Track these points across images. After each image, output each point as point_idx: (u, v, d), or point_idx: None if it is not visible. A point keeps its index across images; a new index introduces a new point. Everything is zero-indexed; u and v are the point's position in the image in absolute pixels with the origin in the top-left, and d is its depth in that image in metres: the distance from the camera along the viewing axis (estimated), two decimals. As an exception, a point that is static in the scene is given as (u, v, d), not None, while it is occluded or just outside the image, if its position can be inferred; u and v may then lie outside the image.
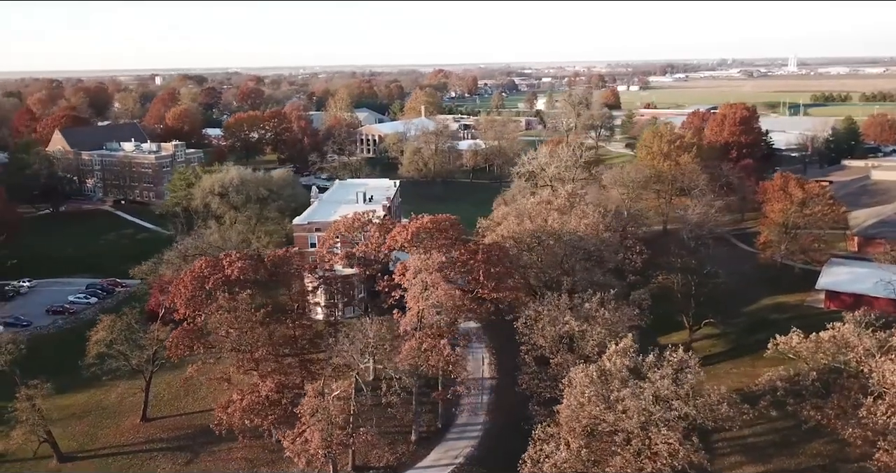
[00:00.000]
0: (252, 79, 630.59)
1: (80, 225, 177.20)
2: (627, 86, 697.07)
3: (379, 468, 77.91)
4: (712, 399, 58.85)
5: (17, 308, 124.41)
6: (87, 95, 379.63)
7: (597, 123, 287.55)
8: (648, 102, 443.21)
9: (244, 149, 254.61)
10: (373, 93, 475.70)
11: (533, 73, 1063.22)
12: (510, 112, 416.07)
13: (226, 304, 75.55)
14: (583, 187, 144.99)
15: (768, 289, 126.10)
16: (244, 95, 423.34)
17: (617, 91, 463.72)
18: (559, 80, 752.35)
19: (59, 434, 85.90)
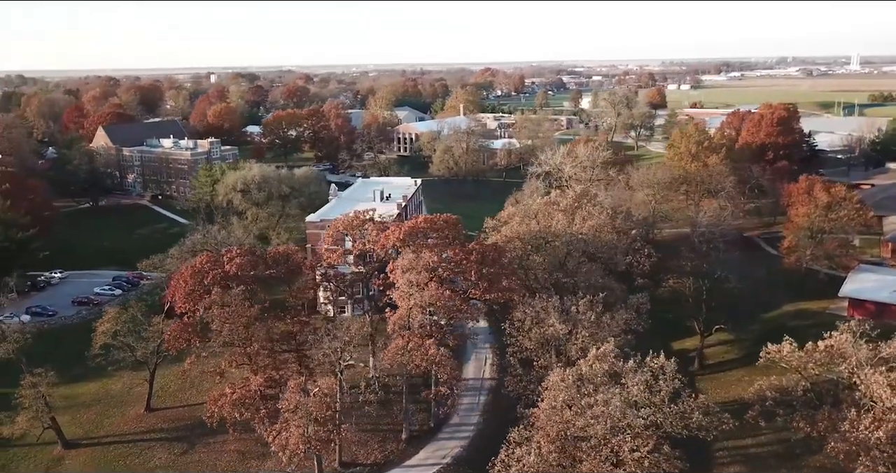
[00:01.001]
0: (301, 77, 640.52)
1: (116, 219, 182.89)
2: (678, 85, 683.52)
3: (366, 465, 78.55)
4: (683, 407, 57.51)
5: (47, 298, 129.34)
6: (139, 93, 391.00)
7: (636, 123, 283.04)
8: (695, 102, 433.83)
9: (283, 147, 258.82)
10: (417, 91, 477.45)
11: (584, 71, 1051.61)
12: (554, 111, 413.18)
13: (218, 299, 77.02)
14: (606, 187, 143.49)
15: (791, 295, 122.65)
16: (290, 93, 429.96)
17: (662, 90, 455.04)
18: (609, 79, 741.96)
19: (67, 422, 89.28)
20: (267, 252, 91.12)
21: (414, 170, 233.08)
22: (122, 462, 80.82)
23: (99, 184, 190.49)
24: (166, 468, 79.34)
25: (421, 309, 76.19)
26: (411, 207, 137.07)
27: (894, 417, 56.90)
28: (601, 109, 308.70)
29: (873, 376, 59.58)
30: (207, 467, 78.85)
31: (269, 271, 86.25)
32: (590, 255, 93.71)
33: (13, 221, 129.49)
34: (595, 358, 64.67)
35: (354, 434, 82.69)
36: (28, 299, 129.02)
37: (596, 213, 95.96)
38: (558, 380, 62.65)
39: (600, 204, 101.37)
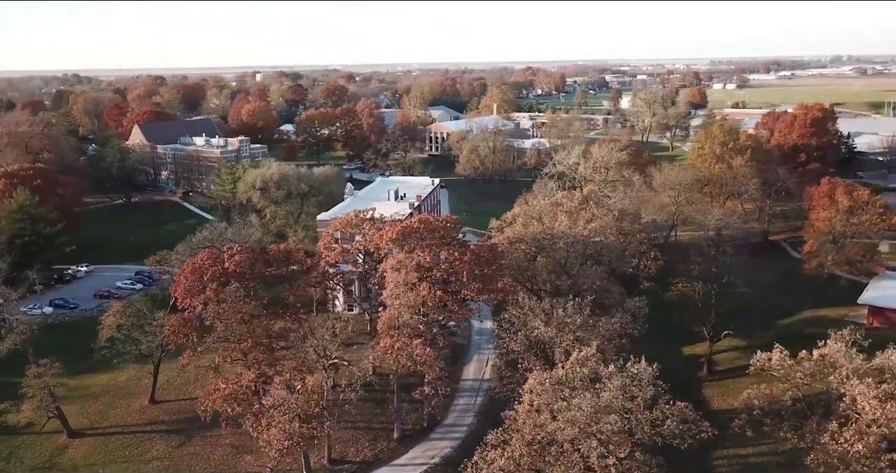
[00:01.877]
0: (343, 76, 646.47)
1: (147, 214, 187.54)
2: (724, 85, 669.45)
3: (355, 462, 79.16)
4: (656, 414, 56.48)
5: (71, 291, 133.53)
6: (182, 92, 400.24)
7: (672, 123, 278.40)
8: (737, 102, 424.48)
9: (315, 145, 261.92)
10: (455, 90, 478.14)
11: (630, 70, 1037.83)
12: (592, 110, 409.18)
13: (213, 295, 78.48)
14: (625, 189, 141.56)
15: (810, 301, 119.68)
16: (328, 92, 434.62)
17: (703, 89, 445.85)
18: (653, 78, 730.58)
19: (75, 411, 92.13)
20: (268, 250, 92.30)
21: (442, 170, 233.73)
22: (121, 452, 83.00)
23: (131, 181, 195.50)
24: (162, 459, 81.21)
25: (411, 309, 76.39)
26: (427, 207, 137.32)
27: (876, 430, 55.04)
28: (637, 109, 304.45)
29: (858, 387, 57.66)
30: (201, 460, 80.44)
31: (269, 269, 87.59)
32: (593, 258, 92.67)
33: (41, 216, 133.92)
34: (575, 362, 64.09)
35: (347, 432, 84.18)
36: (54, 291, 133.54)
37: (600, 215, 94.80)
38: (536, 383, 62.26)
39: (606, 206, 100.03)
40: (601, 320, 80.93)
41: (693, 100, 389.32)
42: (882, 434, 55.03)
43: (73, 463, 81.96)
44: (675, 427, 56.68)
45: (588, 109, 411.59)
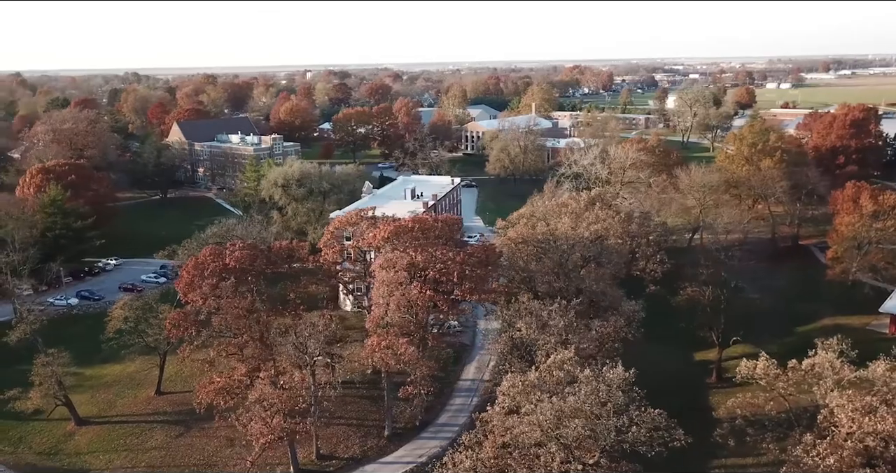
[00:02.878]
0: (390, 75, 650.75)
1: (181, 210, 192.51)
2: (778, 84, 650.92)
3: (343, 459, 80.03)
4: (622, 421, 55.57)
5: (98, 283, 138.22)
6: (229, 90, 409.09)
7: (713, 123, 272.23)
8: (787, 102, 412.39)
9: (351, 144, 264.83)
10: (498, 89, 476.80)
11: (683, 69, 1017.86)
12: (637, 109, 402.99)
13: (209, 290, 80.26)
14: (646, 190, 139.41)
15: (831, 309, 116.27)
16: (371, 91, 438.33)
17: (751, 89, 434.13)
18: (706, 77, 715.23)
19: (86, 400, 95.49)
20: (270, 246, 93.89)
21: (476, 169, 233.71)
22: (122, 440, 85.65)
23: (167, 177, 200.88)
24: (159, 449, 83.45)
25: (400, 308, 76.80)
26: (445, 206, 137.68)
27: (850, 445, 53.15)
28: (678, 109, 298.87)
29: (836, 399, 55.76)
30: (196, 451, 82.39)
31: (269, 266, 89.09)
32: (594, 260, 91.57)
33: (72, 211, 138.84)
34: (551, 365, 63.61)
35: (339, 428, 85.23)
36: (83, 283, 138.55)
37: (603, 217, 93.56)
38: (508, 385, 62.00)
39: (616, 207, 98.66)
40: (594, 323, 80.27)
41: (741, 99, 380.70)
42: (857, 448, 53.11)
43: (76, 450, 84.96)
44: (641, 434, 55.68)
45: (632, 109, 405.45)
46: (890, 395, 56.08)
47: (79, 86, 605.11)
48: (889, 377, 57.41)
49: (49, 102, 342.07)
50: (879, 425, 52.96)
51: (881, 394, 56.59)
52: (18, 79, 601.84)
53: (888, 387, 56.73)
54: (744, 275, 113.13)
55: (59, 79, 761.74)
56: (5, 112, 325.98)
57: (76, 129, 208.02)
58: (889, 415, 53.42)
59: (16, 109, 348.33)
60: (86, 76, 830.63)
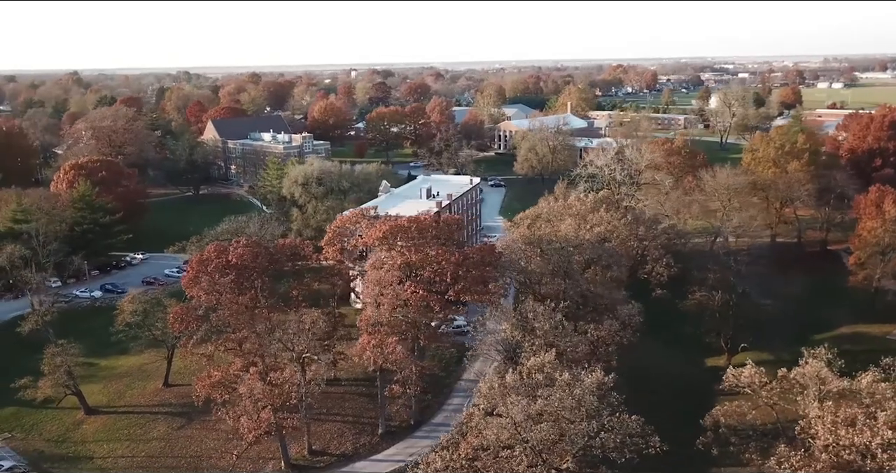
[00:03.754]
0: (432, 74, 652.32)
1: (211, 206, 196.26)
2: (829, 84, 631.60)
3: (335, 455, 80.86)
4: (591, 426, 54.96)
5: (123, 277, 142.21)
6: (271, 89, 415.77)
7: (752, 123, 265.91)
8: (835, 102, 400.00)
9: (384, 143, 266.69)
10: (538, 88, 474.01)
11: (732, 68, 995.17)
12: (678, 109, 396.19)
13: (208, 286, 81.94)
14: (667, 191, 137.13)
15: (852, 316, 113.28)
16: (410, 90, 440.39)
17: (798, 89, 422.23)
18: (755, 76, 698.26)
19: (98, 390, 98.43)
20: (275, 244, 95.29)
21: (506, 168, 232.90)
22: (127, 430, 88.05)
23: (199, 174, 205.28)
24: (160, 440, 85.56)
25: (392, 307, 77.23)
26: (462, 206, 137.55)
27: (826, 457, 51.65)
28: (716, 108, 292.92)
29: (815, 410, 54.27)
30: (194, 442, 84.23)
31: (272, 263, 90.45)
32: (598, 263, 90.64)
33: (100, 206, 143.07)
34: (530, 368, 63.38)
35: (335, 425, 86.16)
36: (109, 277, 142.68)
37: (608, 219, 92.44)
38: (486, 387, 61.98)
39: (624, 209, 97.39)
40: (588, 326, 79.57)
41: (786, 99, 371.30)
42: (832, 461, 51.61)
43: (83, 438, 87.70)
44: (610, 440, 55.04)
45: (673, 108, 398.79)
46: (874, 407, 54.37)
47: (130, 85, 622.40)
48: (874, 388, 55.62)
49: (97, 100, 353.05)
50: (857, 437, 51.45)
51: (865, 406, 54.93)
52: (74, 78, 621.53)
53: (872, 399, 55.01)
54: (763, 281, 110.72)
55: (115, 78, 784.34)
56: (54, 109, 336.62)
57: (114, 127, 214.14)
58: (868, 428, 51.80)
59: (67, 107, 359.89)
60: (139, 75, 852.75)
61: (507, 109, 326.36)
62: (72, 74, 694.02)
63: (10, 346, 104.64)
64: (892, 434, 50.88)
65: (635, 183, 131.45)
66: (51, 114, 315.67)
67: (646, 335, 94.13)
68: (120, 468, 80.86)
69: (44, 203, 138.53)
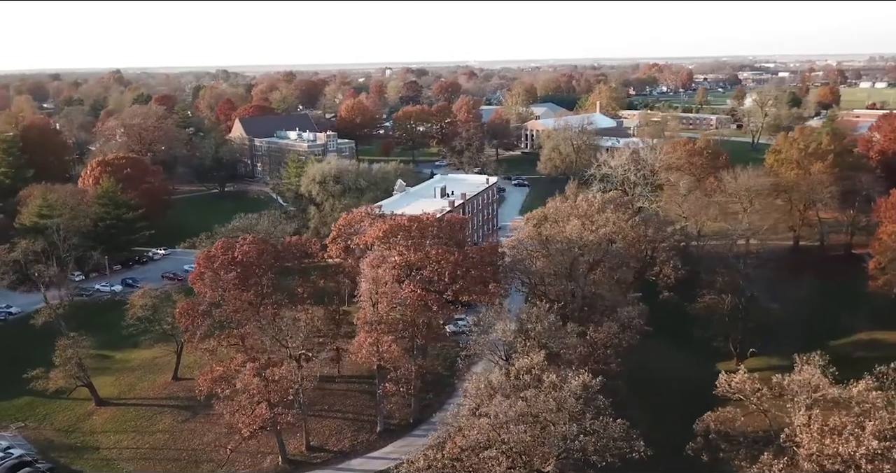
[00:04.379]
0: (465, 72, 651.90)
1: (236, 203, 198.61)
2: (872, 83, 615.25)
3: (332, 451, 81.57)
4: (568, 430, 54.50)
5: (144, 272, 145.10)
6: (303, 88, 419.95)
7: (784, 124, 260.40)
8: (875, 102, 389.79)
9: (410, 142, 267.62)
10: (570, 87, 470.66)
11: (773, 67, 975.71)
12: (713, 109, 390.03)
13: (211, 282, 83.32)
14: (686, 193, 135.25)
15: (869, 323, 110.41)
16: (441, 89, 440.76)
17: (836, 88, 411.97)
18: (795, 75, 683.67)
19: (111, 382, 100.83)
20: (282, 242, 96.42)
21: (532, 167, 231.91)
22: (133, 422, 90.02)
23: (225, 171, 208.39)
24: (165, 432, 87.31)
25: (390, 306, 77.62)
26: (475, 205, 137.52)
27: (809, 466, 50.55)
28: (749, 108, 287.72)
29: (800, 417, 53.14)
30: (196, 435, 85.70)
31: (277, 261, 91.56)
32: (602, 264, 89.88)
33: (123, 202, 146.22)
34: (519, 369, 63.21)
35: (335, 421, 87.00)
36: (131, 271, 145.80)
37: (615, 220, 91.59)
38: (472, 387, 62.00)
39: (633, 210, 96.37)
40: (590, 328, 79.04)
41: (824, 99, 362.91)
42: (816, 470, 50.49)
43: (92, 429, 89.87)
44: (589, 443, 54.56)
45: (707, 108, 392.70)
46: (863, 416, 53.03)
47: (170, 83, 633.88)
48: (864, 397, 54.27)
49: (134, 98, 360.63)
50: (842, 447, 50.23)
51: (854, 415, 53.63)
52: (115, 76, 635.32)
53: (861, 408, 53.68)
54: (774, 285, 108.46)
55: (156, 76, 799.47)
56: (92, 107, 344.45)
57: (145, 125, 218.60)
58: (854, 437, 50.57)
59: (106, 105, 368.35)
60: (180, 73, 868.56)
61: (536, 108, 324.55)
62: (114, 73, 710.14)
63: (28, 337, 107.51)
64: (879, 444, 49.60)
65: (650, 184, 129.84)
66: (88, 112, 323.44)
67: (655, 338, 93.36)
68: (124, 459, 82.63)
69: (69, 199, 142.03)
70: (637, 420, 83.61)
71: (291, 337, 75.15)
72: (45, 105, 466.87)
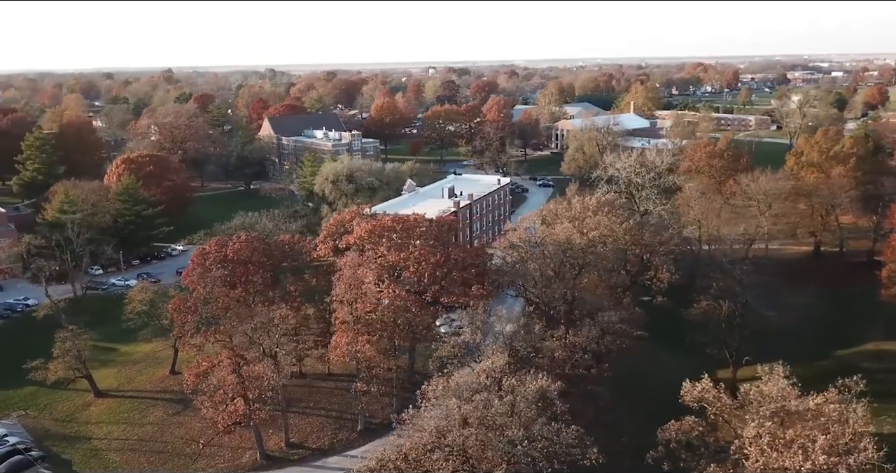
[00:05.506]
0: (506, 71, 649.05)
1: (259, 201, 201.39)
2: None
3: (311, 448, 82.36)
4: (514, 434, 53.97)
5: (161, 267, 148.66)
6: (339, 87, 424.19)
7: (822, 125, 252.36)
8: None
9: (438, 141, 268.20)
10: (609, 86, 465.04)
11: (828, 66, 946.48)
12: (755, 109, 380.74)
13: (198, 279, 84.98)
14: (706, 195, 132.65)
15: (880, 333, 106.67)
16: (478, 89, 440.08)
17: (884, 89, 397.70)
18: (848, 75, 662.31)
19: (112, 374, 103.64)
20: (275, 240, 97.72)
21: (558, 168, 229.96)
22: (126, 414, 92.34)
23: (251, 169, 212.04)
24: (154, 424, 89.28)
25: (368, 307, 78.02)
26: (484, 206, 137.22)
27: (753, 480, 49.15)
28: (787, 109, 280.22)
29: (750, 430, 51.68)
30: (184, 428, 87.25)
31: (269, 259, 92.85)
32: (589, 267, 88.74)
33: (142, 199, 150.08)
34: (479, 371, 62.95)
35: (318, 419, 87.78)
36: (148, 266, 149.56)
37: (606, 223, 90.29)
38: (429, 389, 61.95)
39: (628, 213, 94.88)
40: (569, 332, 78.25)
41: (871, 99, 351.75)
42: (760, 484, 49.08)
43: (87, 419, 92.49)
44: (534, 449, 53.97)
45: (750, 109, 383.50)
46: (818, 430, 51.29)
47: (218, 82, 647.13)
48: (820, 410, 52.49)
49: (176, 97, 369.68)
50: (788, 461, 48.71)
51: (809, 428, 51.91)
52: (165, 75, 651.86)
53: (815, 422, 51.94)
54: (790, 292, 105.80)
55: (205, 75, 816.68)
56: (135, 106, 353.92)
57: (175, 123, 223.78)
58: (803, 451, 48.97)
59: (149, 103, 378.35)
60: (228, 72, 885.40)
61: (570, 108, 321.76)
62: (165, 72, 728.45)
63: (41, 329, 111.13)
64: (826, 459, 47.93)
65: (657, 186, 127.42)
66: (132, 111, 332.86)
67: (653, 343, 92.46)
68: (112, 450, 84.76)
69: (90, 195, 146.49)
70: (624, 424, 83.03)
71: (269, 335, 75.99)
72: (97, 103, 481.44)
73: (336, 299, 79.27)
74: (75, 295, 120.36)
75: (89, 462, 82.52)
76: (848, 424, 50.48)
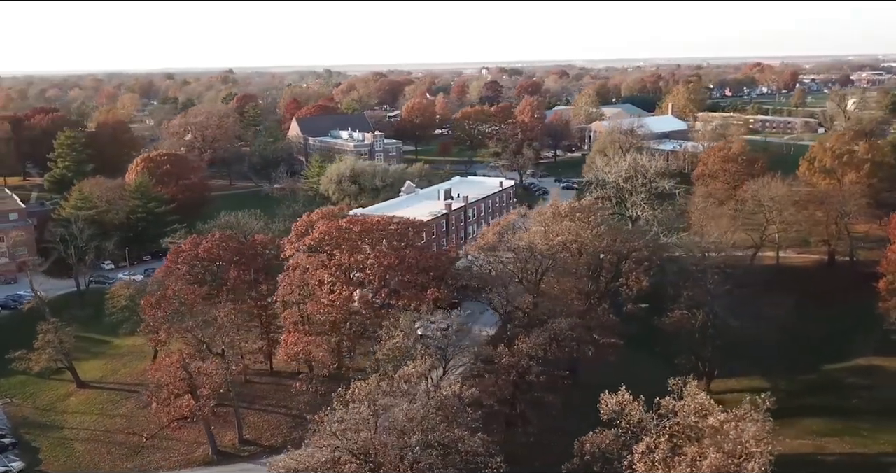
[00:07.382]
0: (556, 71, 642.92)
1: (279, 200, 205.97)
2: None
3: (263, 445, 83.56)
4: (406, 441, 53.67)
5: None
6: (383, 88, 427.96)
7: (866, 129, 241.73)
8: None
9: (468, 142, 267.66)
10: (657, 87, 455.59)
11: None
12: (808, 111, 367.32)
13: (162, 276, 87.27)
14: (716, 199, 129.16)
15: (872, 348, 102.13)
16: (521, 89, 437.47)
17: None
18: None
19: (98, 366, 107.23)
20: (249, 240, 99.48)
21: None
22: (100, 405, 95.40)
23: (273, 169, 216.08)
24: (123, 416, 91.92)
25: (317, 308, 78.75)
26: (482, 209, 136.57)
27: (635, 498, 47.69)
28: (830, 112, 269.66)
29: (639, 446, 50.17)
30: (150, 421, 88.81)
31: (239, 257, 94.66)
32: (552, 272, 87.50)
33: (155, 197, 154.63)
34: (399, 377, 62.90)
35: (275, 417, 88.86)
36: (158, 262, 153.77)
37: (573, 229, 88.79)
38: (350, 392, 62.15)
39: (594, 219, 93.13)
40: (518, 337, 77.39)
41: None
42: (644, 501, 47.60)
43: (65, 409, 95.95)
44: (425, 456, 53.60)
45: (798, 111, 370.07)
46: (713, 448, 49.42)
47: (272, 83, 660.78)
48: (718, 427, 50.56)
49: (223, 98, 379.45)
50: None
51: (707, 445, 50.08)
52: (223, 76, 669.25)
53: (712, 440, 50.07)
54: (797, 304, 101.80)
55: (264, 75, 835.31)
56: (183, 105, 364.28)
57: (206, 123, 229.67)
58: (690, 468, 47.32)
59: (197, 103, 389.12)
60: (286, 72, 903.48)
61: (609, 109, 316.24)
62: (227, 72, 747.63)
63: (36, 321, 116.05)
64: (710, 478, 46.16)
65: (648, 191, 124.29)
66: (179, 110, 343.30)
67: (634, 351, 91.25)
68: (79, 439, 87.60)
69: (108, 193, 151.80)
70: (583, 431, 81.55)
71: (220, 333, 77.55)
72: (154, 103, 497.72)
73: (280, 299, 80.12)
74: (78, 289, 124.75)
75: (55, 451, 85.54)
76: (740, 443, 48.44)
